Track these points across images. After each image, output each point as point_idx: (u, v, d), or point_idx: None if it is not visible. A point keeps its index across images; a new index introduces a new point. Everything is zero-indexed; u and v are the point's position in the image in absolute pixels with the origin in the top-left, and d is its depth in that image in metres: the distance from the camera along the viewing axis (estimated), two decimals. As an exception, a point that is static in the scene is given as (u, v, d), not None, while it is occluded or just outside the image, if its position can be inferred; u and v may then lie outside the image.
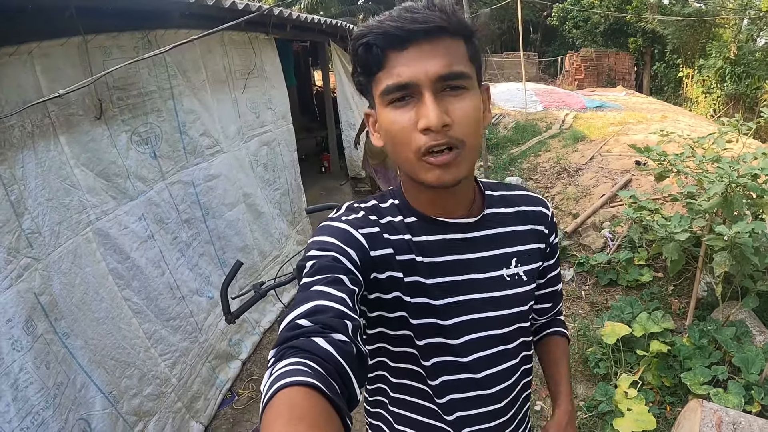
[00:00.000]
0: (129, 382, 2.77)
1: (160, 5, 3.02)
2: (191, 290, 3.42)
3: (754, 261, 3.10)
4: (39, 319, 2.23)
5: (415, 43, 0.86)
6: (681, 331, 3.65)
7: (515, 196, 1.16)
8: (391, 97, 0.90)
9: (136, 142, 3.02)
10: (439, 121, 0.85)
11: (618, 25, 22.60)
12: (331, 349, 0.73)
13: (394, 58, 0.88)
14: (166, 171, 3.29)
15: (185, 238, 3.46)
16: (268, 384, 0.66)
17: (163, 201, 3.23)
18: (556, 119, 10.70)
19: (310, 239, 0.99)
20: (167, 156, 3.30)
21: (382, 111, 0.93)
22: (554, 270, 1.25)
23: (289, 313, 0.81)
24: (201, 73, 3.70)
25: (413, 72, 0.86)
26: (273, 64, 5.05)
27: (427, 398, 1.11)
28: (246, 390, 3.80)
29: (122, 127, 2.92)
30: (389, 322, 1.03)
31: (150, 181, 3.12)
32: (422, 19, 0.86)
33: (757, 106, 10.38)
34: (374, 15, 3.29)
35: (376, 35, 0.87)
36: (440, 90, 0.88)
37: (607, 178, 6.47)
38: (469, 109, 0.90)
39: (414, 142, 0.89)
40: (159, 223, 3.17)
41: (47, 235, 2.33)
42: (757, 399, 2.87)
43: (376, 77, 0.91)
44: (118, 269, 2.79)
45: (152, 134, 3.17)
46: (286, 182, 5.27)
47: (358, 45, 0.90)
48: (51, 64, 2.46)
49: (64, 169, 2.50)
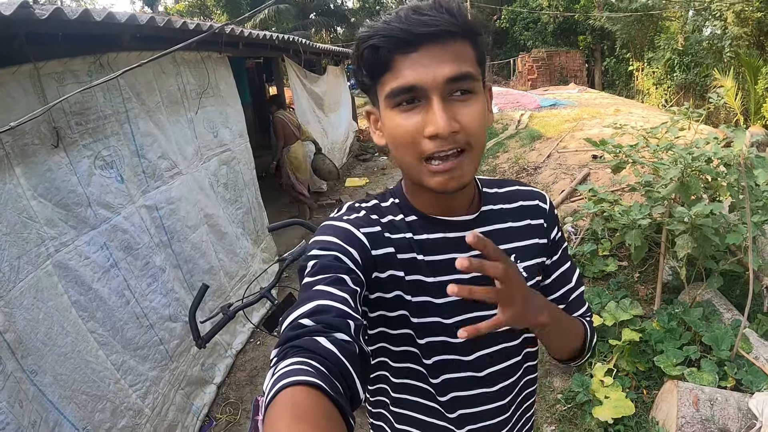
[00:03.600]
0: (102, 416, 2.69)
1: (110, 29, 2.97)
2: (162, 317, 3.34)
3: (715, 241, 3.18)
4: (6, 357, 2.16)
5: (423, 47, 0.85)
6: (650, 316, 3.72)
7: (512, 192, 1.16)
8: (398, 99, 0.89)
9: (100, 166, 2.96)
10: (448, 127, 0.85)
11: (567, 25, 23.14)
12: (333, 349, 0.73)
13: (400, 61, 0.86)
14: (134, 194, 3.23)
15: (159, 263, 3.39)
16: (270, 383, 0.66)
17: (132, 226, 3.16)
18: (512, 120, 10.85)
19: (311, 239, 0.98)
20: (131, 180, 3.24)
21: (387, 113, 0.92)
22: (562, 266, 1.19)
23: (291, 312, 0.81)
24: (155, 94, 3.65)
25: (420, 75, 0.85)
26: (227, 82, 5.01)
27: (429, 397, 1.10)
28: (223, 414, 3.72)
29: (83, 152, 2.86)
30: (390, 322, 1.03)
31: (116, 206, 3.05)
32: (431, 22, 0.84)
33: (707, 93, 10.69)
34: (327, 29, 3.30)
35: (382, 37, 0.86)
36: (448, 94, 0.87)
37: (566, 174, 6.58)
38: (477, 113, 0.89)
39: (419, 146, 0.89)
40: (125, 250, 3.10)
41: (7, 271, 2.26)
42: (731, 374, 2.94)
43: (381, 79, 0.90)
44: (81, 301, 2.71)
45: (117, 157, 3.11)
46: (248, 200, 5.22)
47: (363, 47, 0.89)
48: (3, 94, 2.40)
49: (21, 201, 2.42)
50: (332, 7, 26.79)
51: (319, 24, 24.83)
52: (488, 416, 1.12)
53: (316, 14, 25.24)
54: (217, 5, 23.67)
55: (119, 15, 2.99)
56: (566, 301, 1.20)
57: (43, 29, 2.47)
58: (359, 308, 0.86)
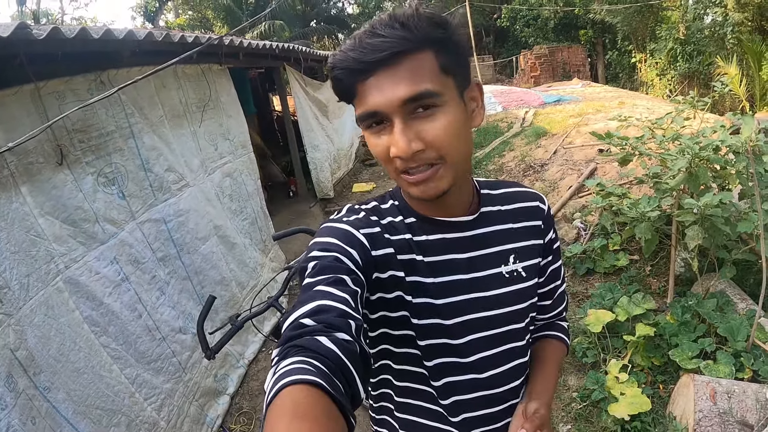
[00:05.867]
0: (117, 430, 2.70)
1: (109, 46, 2.99)
2: (173, 329, 3.35)
3: (726, 231, 3.15)
4: (18, 375, 2.17)
5: (376, 72, 0.85)
6: (663, 309, 3.69)
7: (511, 193, 1.16)
8: (366, 123, 0.91)
9: (102, 183, 2.97)
10: (408, 149, 0.86)
11: (568, 20, 23.07)
12: (334, 348, 0.74)
13: (360, 87, 0.88)
14: (136, 210, 3.24)
15: (164, 277, 3.39)
16: (271, 382, 0.67)
17: (136, 241, 3.17)
18: (517, 118, 10.82)
19: (312, 241, 0.99)
20: (135, 195, 3.25)
21: (365, 132, 0.94)
22: (553, 264, 1.23)
23: (291, 312, 0.82)
24: (158, 109, 3.66)
25: (378, 101, 0.86)
26: (228, 93, 5.03)
27: (431, 400, 1.10)
28: (237, 424, 3.73)
29: (87, 170, 2.87)
30: (392, 322, 1.03)
31: (121, 222, 3.07)
32: (381, 46, 0.83)
33: (711, 81, 10.61)
34: (329, 36, 3.28)
35: (341, 69, 0.87)
36: (410, 112, 0.87)
37: (573, 169, 6.54)
38: (443, 127, 0.88)
39: (393, 163, 0.91)
40: (134, 264, 3.11)
41: (16, 289, 2.27)
42: (747, 365, 2.90)
43: (353, 102, 0.92)
44: (93, 316, 2.72)
45: (118, 174, 3.12)
46: (253, 211, 5.23)
47: (331, 76, 0.91)
48: (5, 114, 2.42)
49: (28, 219, 2.44)
50: (333, 14, 26.88)
51: (321, 31, 24.91)
52: (492, 419, 1.12)
53: (316, 22, 25.33)
54: (217, 18, 23.78)
55: (117, 31, 3.00)
56: (552, 297, 1.26)
57: (42, 49, 2.49)
58: (360, 309, 0.86)
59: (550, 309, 1.29)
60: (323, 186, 8.35)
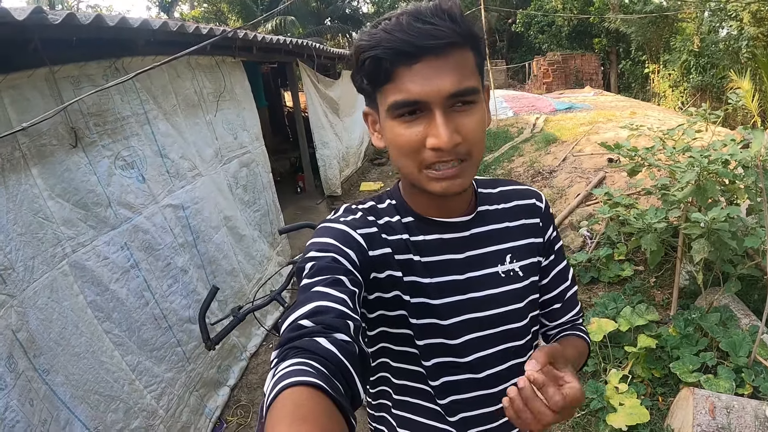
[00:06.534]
0: (114, 416, 2.70)
1: (124, 34, 3.00)
2: (181, 318, 3.35)
3: (733, 245, 3.14)
4: (19, 356, 2.17)
5: (425, 58, 0.83)
6: (666, 321, 3.68)
7: (507, 191, 1.16)
8: (400, 111, 0.88)
9: (120, 166, 2.98)
10: (451, 141, 0.85)
11: (582, 27, 23.05)
12: (333, 349, 0.73)
13: (402, 72, 0.85)
14: (158, 194, 3.25)
15: (181, 264, 3.40)
16: (271, 384, 0.66)
17: (153, 226, 3.17)
18: (527, 123, 10.82)
19: (309, 241, 0.98)
20: (155, 179, 3.26)
21: (388, 122, 0.91)
22: (558, 265, 1.19)
23: (290, 314, 0.82)
24: (171, 97, 3.67)
25: (423, 90, 0.84)
26: (242, 86, 5.04)
27: (429, 399, 1.10)
28: (234, 417, 3.73)
29: (103, 153, 2.88)
30: (390, 321, 1.03)
31: (137, 206, 3.07)
32: (436, 33, 0.82)
33: (724, 95, 10.57)
34: (343, 34, 3.27)
35: (385, 49, 0.83)
36: (450, 106, 0.86)
37: (581, 177, 6.53)
38: (478, 123, 0.89)
39: (420, 156, 0.89)
40: (146, 251, 3.11)
41: (21, 271, 2.28)
42: (748, 381, 2.89)
43: (382, 88, 0.89)
44: (97, 301, 2.72)
45: (137, 157, 3.13)
46: (266, 203, 5.25)
47: (365, 57, 0.86)
48: (19, 96, 2.42)
49: (37, 202, 2.44)
50: (348, 12, 26.88)
51: (335, 29, 24.95)
52: (489, 419, 1.11)
53: (331, 20, 25.36)
54: (232, 11, 23.80)
55: (132, 20, 3.01)
56: (562, 300, 1.21)
57: (57, 34, 2.50)
58: (358, 309, 0.86)
59: (562, 313, 1.22)
60: (331, 183, 8.37)
